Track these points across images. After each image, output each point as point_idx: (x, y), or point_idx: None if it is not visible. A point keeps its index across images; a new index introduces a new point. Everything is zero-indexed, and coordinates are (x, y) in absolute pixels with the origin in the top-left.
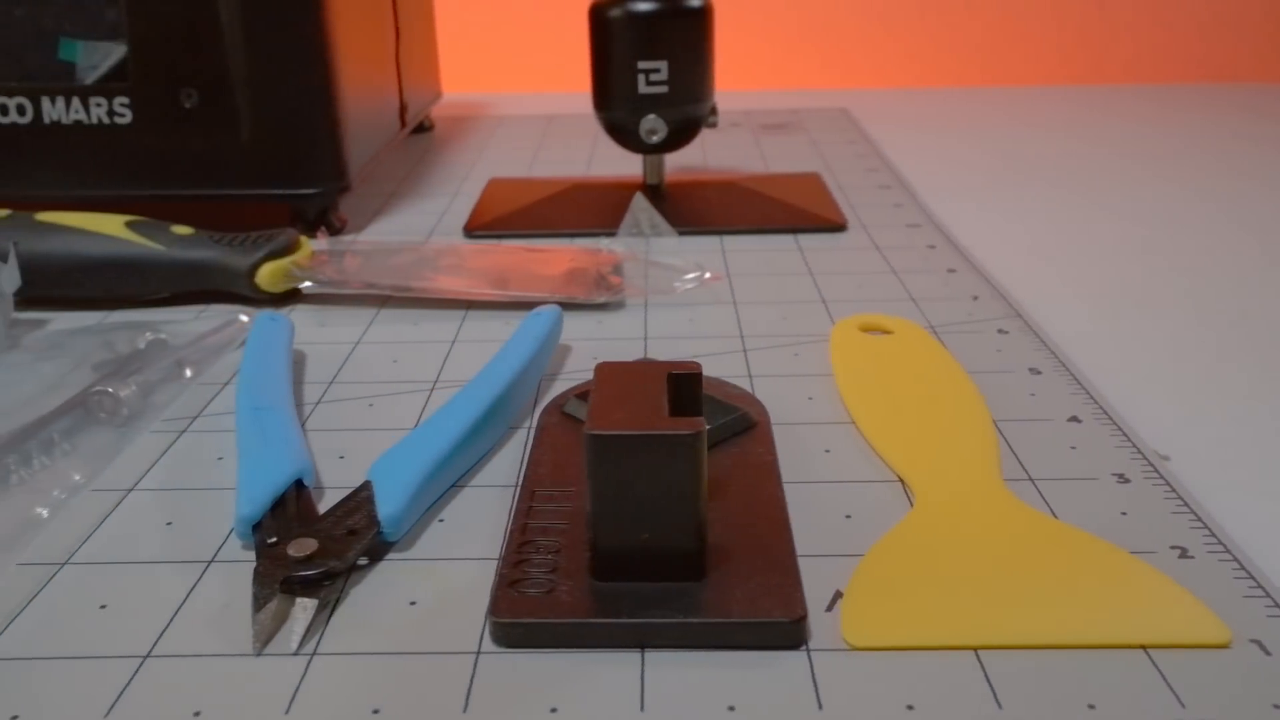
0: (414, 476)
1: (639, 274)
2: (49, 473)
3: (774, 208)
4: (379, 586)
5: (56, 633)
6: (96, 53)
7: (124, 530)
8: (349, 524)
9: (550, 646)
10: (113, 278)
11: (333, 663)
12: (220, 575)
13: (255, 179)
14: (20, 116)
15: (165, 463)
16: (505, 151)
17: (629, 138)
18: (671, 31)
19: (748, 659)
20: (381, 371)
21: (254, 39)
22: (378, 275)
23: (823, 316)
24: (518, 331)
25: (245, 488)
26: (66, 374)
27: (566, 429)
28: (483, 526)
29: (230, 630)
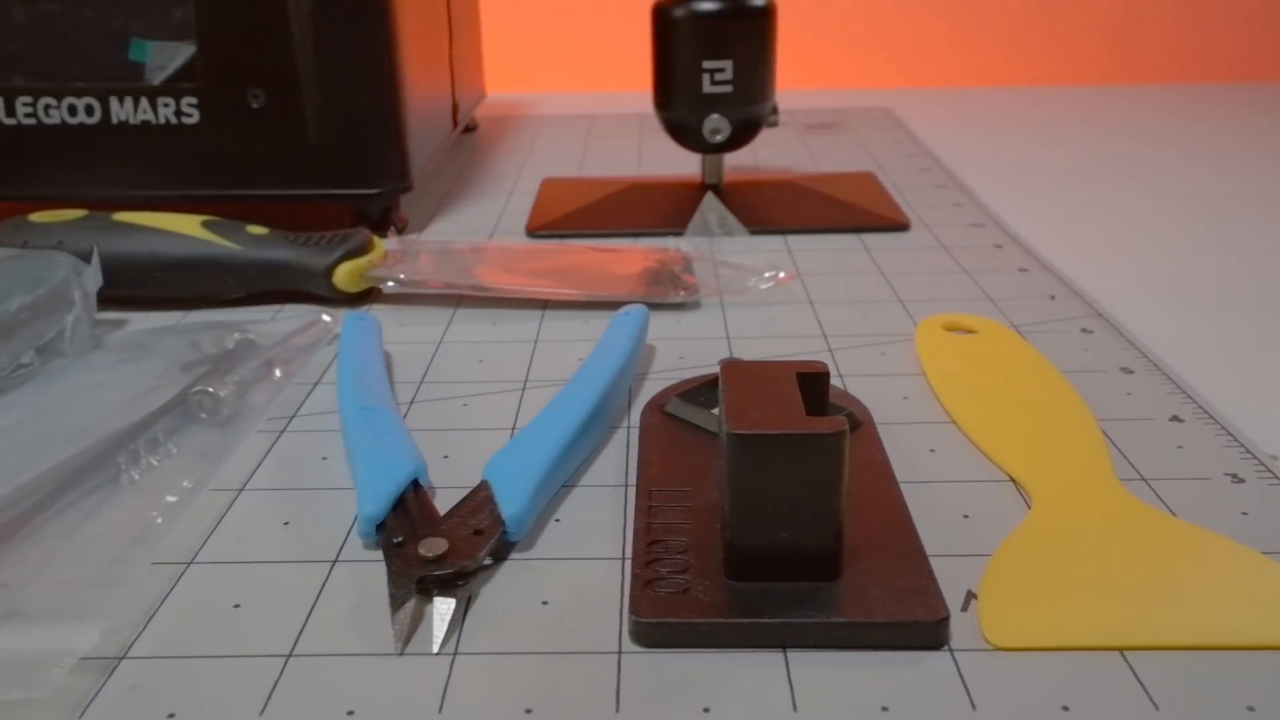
0: (533, 476)
1: (710, 274)
2: (156, 472)
3: (836, 207)
4: (508, 586)
5: (195, 631)
6: (164, 53)
7: (243, 530)
8: (473, 524)
9: (692, 646)
10: (190, 277)
11: (476, 662)
12: (347, 574)
13: (320, 179)
14: (89, 117)
15: (270, 463)
16: (552, 151)
17: (690, 137)
18: (736, 31)
19: (892, 659)
20: (469, 371)
21: (323, 39)
22: (453, 275)
23: (902, 316)
24: (608, 331)
25: (366, 487)
26: (157, 374)
27: (670, 428)
28: (599, 526)
29: (367, 629)
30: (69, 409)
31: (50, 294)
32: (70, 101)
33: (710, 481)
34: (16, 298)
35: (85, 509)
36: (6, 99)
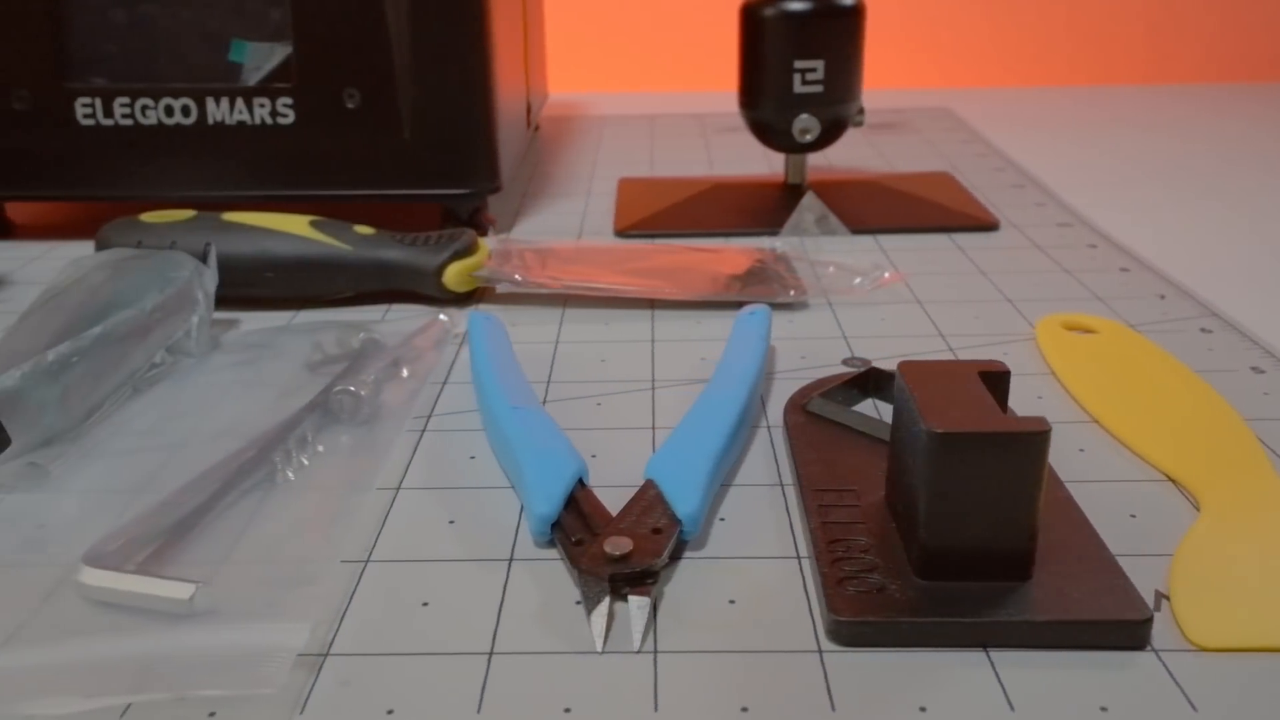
0: (701, 475)
1: (810, 273)
2: (309, 471)
3: (923, 207)
4: (691, 585)
5: (390, 628)
6: (261, 54)
7: (410, 528)
8: (649, 523)
9: (892, 646)
10: (301, 277)
11: (680, 661)
12: (525, 573)
13: (413, 179)
14: (185, 117)
15: (420, 462)
16: (619, 152)
17: (777, 137)
18: (828, 30)
19: (1097, 659)
20: (593, 371)
21: (420, 38)
22: (561, 275)
23: (1013, 315)
24: (737, 331)
25: (538, 487)
26: (285, 374)
27: (817, 427)
28: (765, 525)
29: (561, 627)
30: (207, 409)
31: (178, 294)
32: (167, 102)
33: (875, 481)
34: (150, 297)
35: (247, 507)
36: (104, 100)
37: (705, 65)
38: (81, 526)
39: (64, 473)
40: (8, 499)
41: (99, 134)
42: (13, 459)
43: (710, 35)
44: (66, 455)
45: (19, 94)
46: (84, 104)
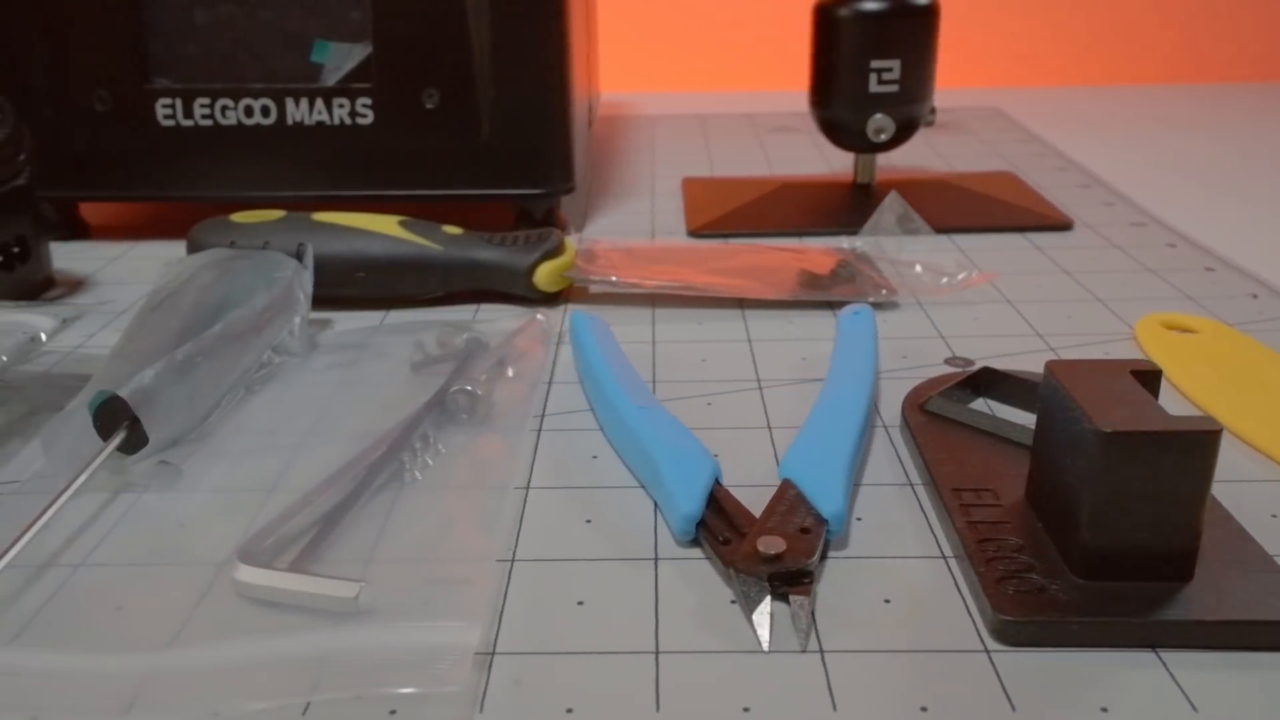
0: (840, 475)
1: (896, 272)
2: (434, 471)
3: (995, 206)
4: (842, 585)
5: (550, 627)
6: (340, 54)
7: (548, 527)
8: (795, 522)
9: (1060, 645)
10: (393, 277)
11: (848, 660)
12: (674, 572)
13: (489, 179)
14: (264, 118)
15: (543, 461)
16: (675, 151)
17: (849, 136)
18: (904, 30)
19: (1266, 660)
20: (696, 370)
21: (501, 38)
22: (652, 274)
23: (1106, 315)
24: (844, 330)
25: (680, 487)
26: (389, 374)
27: (940, 426)
28: (903, 524)
29: (721, 627)
30: (319, 408)
31: (283, 294)
32: (247, 103)
33: (1011, 480)
34: (259, 296)
35: (381, 507)
36: (185, 100)
37: (749, 65)
38: (220, 525)
39: (193, 472)
40: (143, 498)
41: (178, 134)
42: (145, 458)
43: (759, 35)
44: (194, 454)
45: (99, 95)
46: (164, 105)
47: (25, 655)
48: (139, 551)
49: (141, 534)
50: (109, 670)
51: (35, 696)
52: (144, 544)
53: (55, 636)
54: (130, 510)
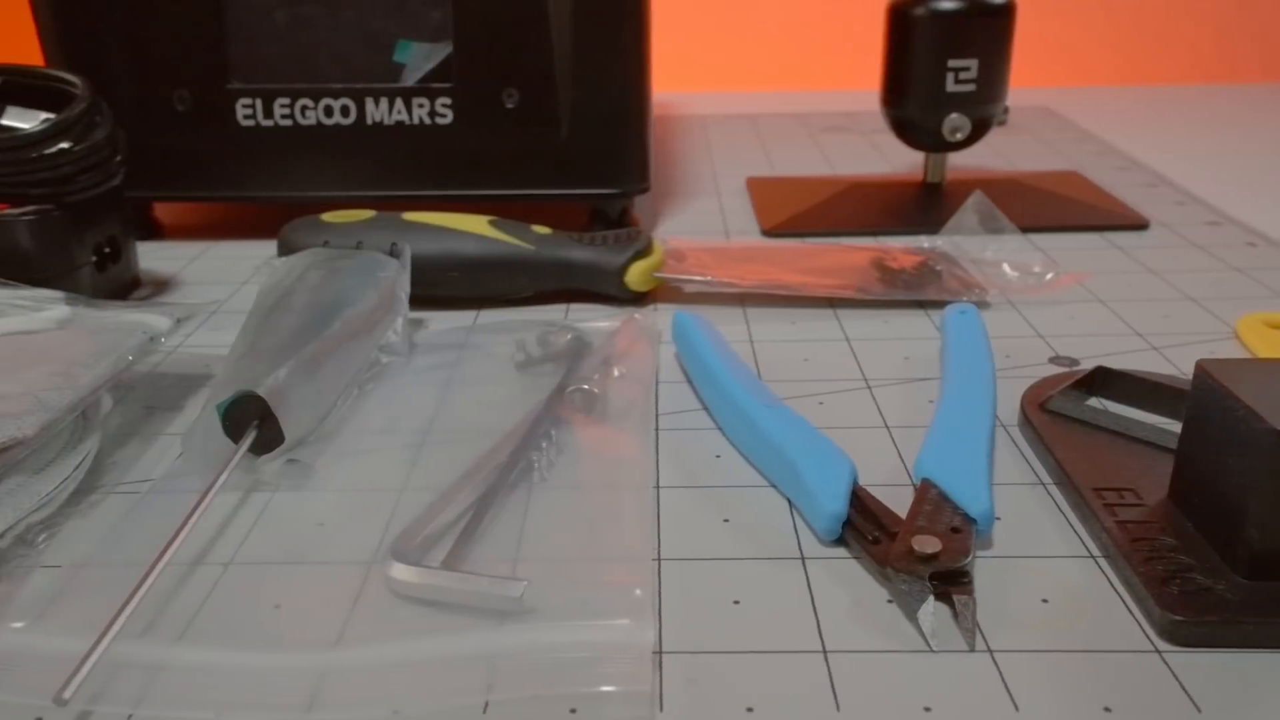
0: (981, 474)
1: (982, 272)
2: (560, 469)
3: (1068, 206)
4: (996, 584)
5: (709, 626)
6: (421, 54)
7: (687, 526)
8: (943, 522)
9: (1233, 646)
10: (485, 276)
11: (1019, 660)
12: (823, 571)
13: (567, 179)
14: (344, 118)
15: (667, 461)
16: (732, 150)
17: (921, 135)
18: (981, 30)
19: None
20: (801, 370)
21: (582, 38)
22: (745, 274)
23: (1201, 314)
24: (952, 330)
25: (824, 486)
26: (493, 373)
27: (1065, 426)
28: (1043, 523)
29: (883, 626)
30: (431, 407)
31: (388, 293)
32: (327, 103)
33: (1150, 480)
34: (368, 296)
35: (517, 505)
36: (265, 100)
37: (794, 65)
38: (358, 524)
39: (322, 471)
40: (276, 497)
41: (258, 134)
42: (276, 458)
43: (805, 35)
44: (321, 453)
45: (180, 95)
46: (244, 105)
47: (200, 652)
48: (283, 550)
49: (283, 532)
50: (285, 667)
51: (216, 694)
52: (287, 542)
53: (221, 634)
54: (266, 509)
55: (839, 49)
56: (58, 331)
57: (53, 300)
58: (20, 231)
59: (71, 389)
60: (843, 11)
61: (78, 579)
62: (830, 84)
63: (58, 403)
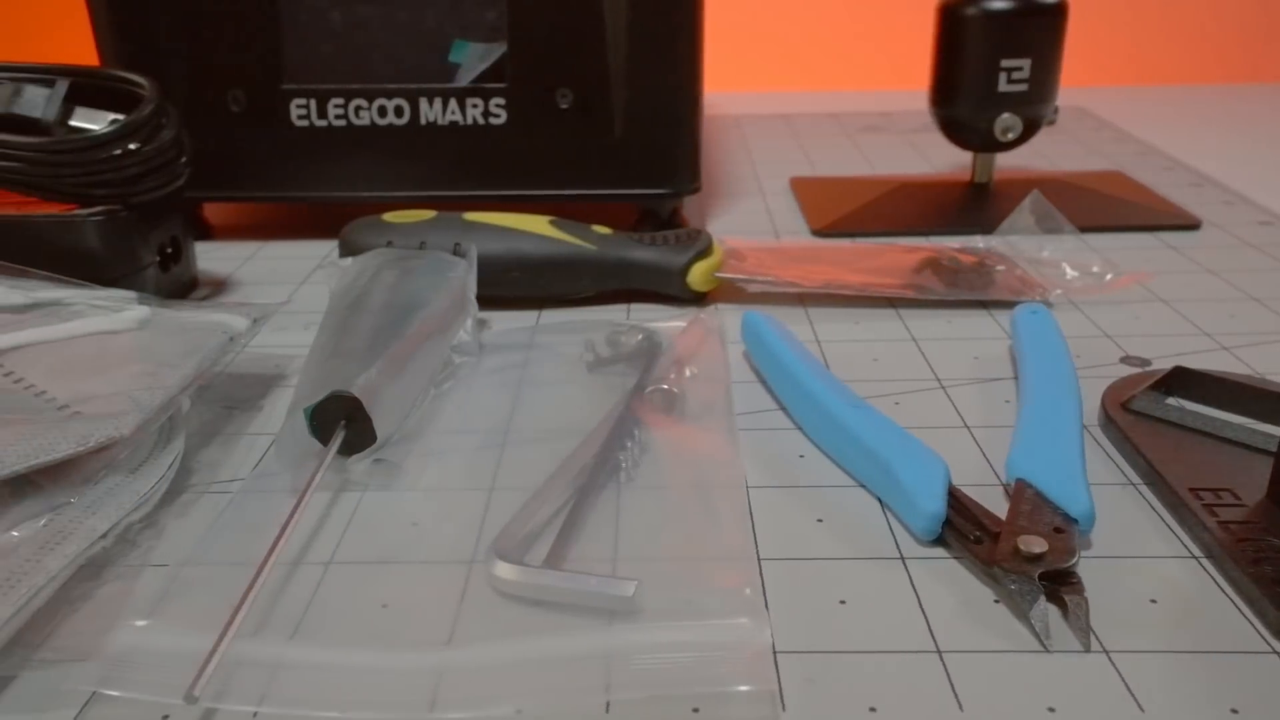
0: (1079, 474)
1: (1039, 272)
2: (644, 469)
3: (1117, 206)
4: (1102, 584)
5: (819, 625)
6: (476, 54)
7: (781, 526)
8: (1044, 522)
9: None
10: (548, 276)
11: (1138, 660)
12: (925, 571)
13: (619, 179)
14: (397, 118)
15: (750, 461)
16: (773, 150)
17: (970, 135)
18: (1034, 30)
19: None
20: (871, 369)
21: (638, 38)
22: (807, 274)
23: (1267, 313)
24: (1025, 330)
25: (923, 485)
26: (564, 373)
27: (1150, 426)
28: (1139, 524)
29: (993, 626)
30: (509, 407)
31: (459, 294)
32: (381, 103)
33: (1247, 480)
34: (440, 297)
35: (608, 505)
36: (319, 100)
37: (827, 64)
38: (451, 523)
39: (409, 470)
40: (367, 496)
41: (312, 135)
42: (364, 457)
43: (837, 34)
44: (408, 453)
45: (234, 95)
46: (299, 105)
47: (316, 650)
48: (381, 549)
49: (379, 532)
50: (403, 666)
51: (337, 692)
52: (384, 541)
53: (332, 632)
54: (359, 508)
55: (871, 49)
56: (139, 332)
57: (127, 300)
58: (89, 231)
59: (162, 389)
60: (876, 12)
61: (184, 578)
62: (862, 84)
63: (150, 402)
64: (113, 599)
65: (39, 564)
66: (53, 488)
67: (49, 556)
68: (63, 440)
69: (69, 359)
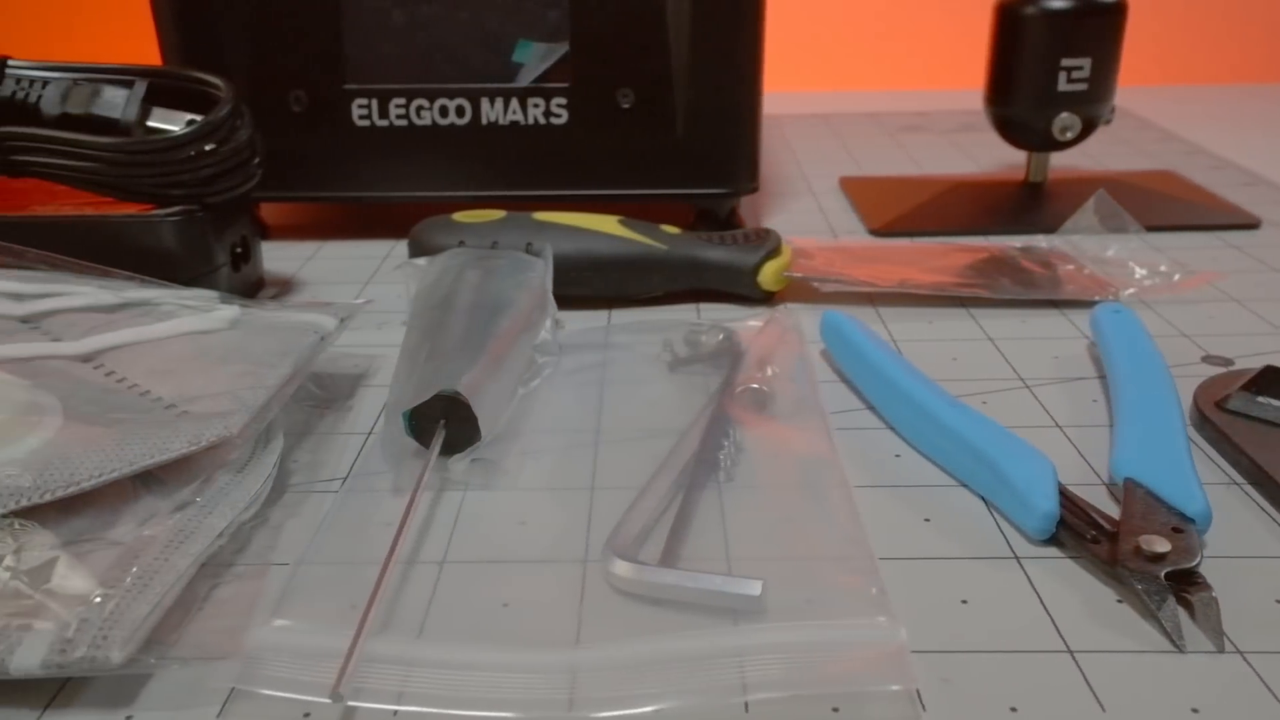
0: (1190, 473)
1: (1106, 271)
2: (742, 469)
3: (1174, 205)
4: (1225, 584)
5: (940, 624)
6: (539, 54)
7: (888, 526)
8: (1161, 521)
9: None
10: (618, 276)
11: (1272, 662)
12: (1043, 571)
13: (679, 179)
14: (459, 118)
15: (846, 460)
16: (816, 150)
17: (1026, 134)
18: (1094, 29)
19: None
20: (951, 369)
21: (700, 37)
22: (873, 274)
23: None
24: (1106, 329)
25: (1035, 485)
26: (646, 372)
27: (1251, 425)
28: (1250, 523)
29: (1121, 626)
30: (596, 406)
31: (540, 294)
32: (442, 103)
33: None
34: (523, 297)
35: (709, 504)
36: (381, 101)
37: (861, 64)
38: (557, 522)
39: (509, 469)
40: (468, 496)
41: (373, 134)
42: (464, 458)
43: (874, 34)
44: (506, 452)
45: (296, 95)
46: (360, 105)
47: (447, 649)
48: (492, 548)
49: (487, 531)
50: (537, 664)
51: (474, 690)
52: (494, 541)
53: (458, 631)
54: (462, 508)
55: (904, 49)
56: (229, 331)
57: (211, 300)
58: (168, 232)
59: (264, 388)
60: (910, 12)
61: (301, 577)
62: (894, 84)
63: (254, 401)
64: (235, 598)
65: (167, 563)
66: (177, 485)
67: (175, 555)
68: (175, 439)
69: (167, 358)
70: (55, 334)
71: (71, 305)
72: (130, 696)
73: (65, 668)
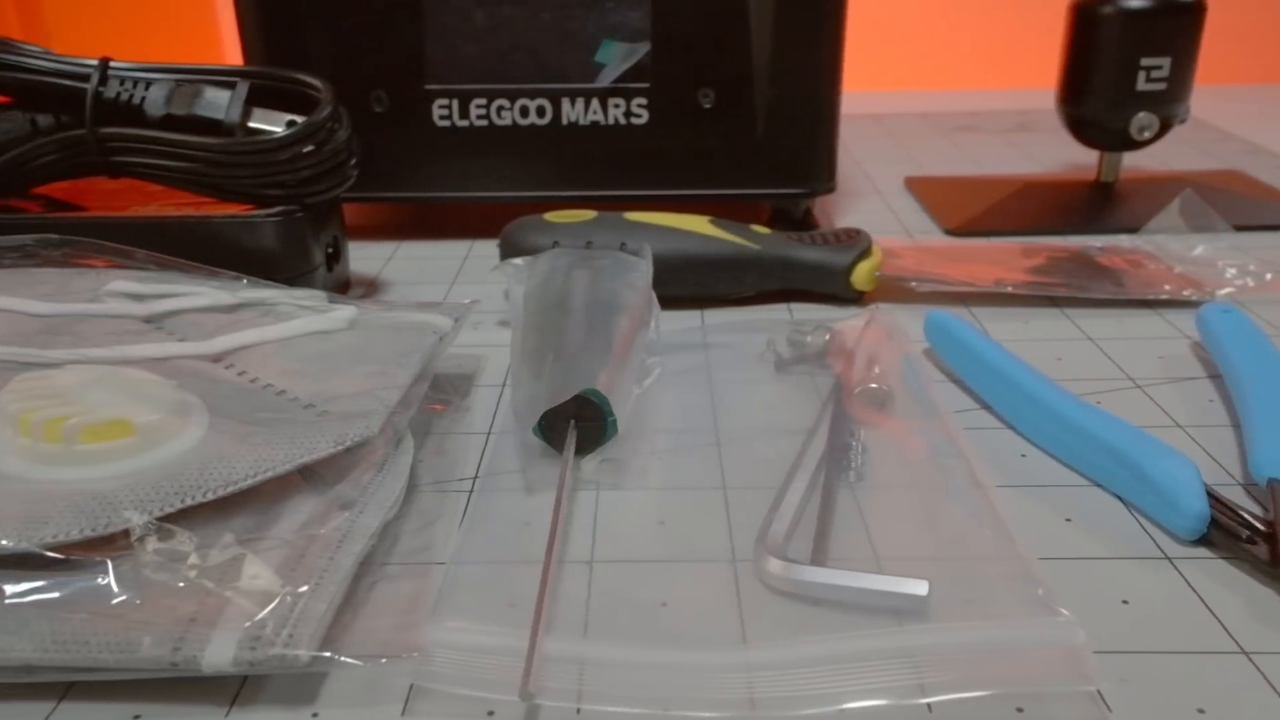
0: None
1: (1195, 270)
2: (869, 467)
3: (1249, 205)
4: None
5: (1109, 625)
6: (620, 54)
7: (1030, 526)
8: None
9: None
10: (711, 276)
11: None
12: (1198, 571)
13: (758, 178)
14: (539, 118)
15: (973, 460)
16: (874, 150)
17: (1100, 133)
18: (1174, 28)
19: None
20: (1057, 369)
21: (782, 37)
22: (965, 274)
23: None
24: (1216, 329)
25: (1183, 485)
26: (754, 372)
27: None
28: None
29: None
30: (709, 406)
31: (645, 293)
32: (523, 103)
33: None
34: (632, 296)
35: (845, 504)
36: (461, 101)
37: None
38: (698, 522)
39: (637, 469)
40: (602, 495)
41: (453, 135)
42: (595, 457)
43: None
44: (636, 452)
45: (377, 96)
46: (441, 105)
47: (618, 648)
48: (637, 547)
49: (628, 530)
50: (711, 665)
51: (653, 689)
52: (638, 540)
53: (623, 630)
54: (598, 507)
55: (953, 49)
56: (349, 332)
57: (320, 299)
58: (269, 232)
59: (396, 388)
60: (961, 12)
61: (458, 576)
62: (940, 84)
63: (388, 400)
64: (395, 597)
65: (333, 561)
66: (333, 482)
67: (339, 554)
68: (321, 439)
69: (295, 359)
70: (180, 334)
71: (193, 305)
72: (312, 694)
73: (256, 665)
